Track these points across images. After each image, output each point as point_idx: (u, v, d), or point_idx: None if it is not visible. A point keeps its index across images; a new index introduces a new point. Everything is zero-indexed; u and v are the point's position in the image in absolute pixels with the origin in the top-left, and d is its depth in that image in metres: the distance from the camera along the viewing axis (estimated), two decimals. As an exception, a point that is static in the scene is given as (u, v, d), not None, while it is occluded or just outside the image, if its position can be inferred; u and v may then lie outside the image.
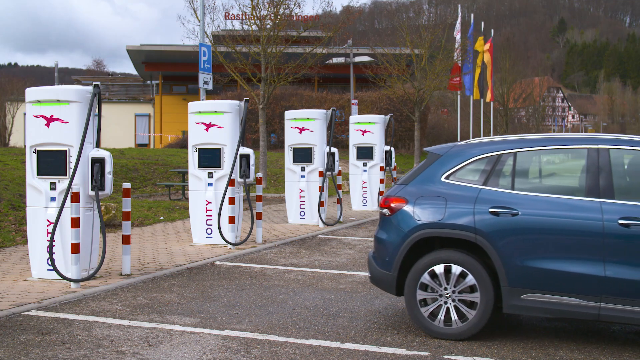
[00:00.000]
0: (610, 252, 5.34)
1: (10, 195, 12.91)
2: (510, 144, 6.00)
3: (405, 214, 5.95)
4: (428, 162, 6.20)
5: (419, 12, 45.09)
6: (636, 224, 5.29)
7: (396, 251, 5.92)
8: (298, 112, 14.12)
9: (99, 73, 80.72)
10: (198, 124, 10.87)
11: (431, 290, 5.81)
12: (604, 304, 5.36)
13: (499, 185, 5.82)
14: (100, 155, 7.82)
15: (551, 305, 5.50)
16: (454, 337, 5.72)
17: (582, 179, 5.66)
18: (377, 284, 6.22)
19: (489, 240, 5.61)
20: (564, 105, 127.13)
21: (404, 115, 36.72)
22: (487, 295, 5.63)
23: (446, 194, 5.89)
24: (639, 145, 5.63)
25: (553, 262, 5.48)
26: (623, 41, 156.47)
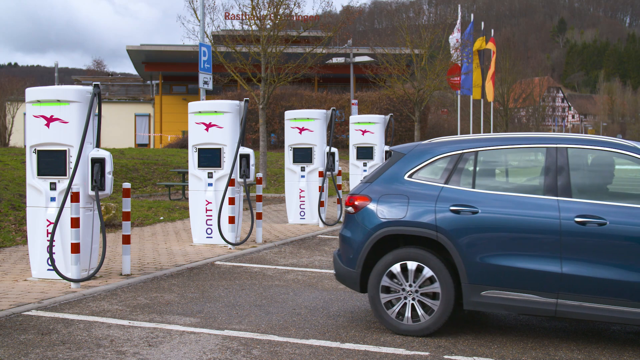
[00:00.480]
0: (566, 249, 5.45)
1: (10, 195, 12.91)
2: (472, 143, 6.11)
3: (369, 212, 6.06)
4: (392, 160, 6.31)
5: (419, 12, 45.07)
6: (592, 221, 5.41)
7: (360, 249, 6.03)
8: (298, 112, 14.12)
9: (99, 73, 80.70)
10: (198, 124, 10.87)
11: (394, 288, 5.91)
12: (561, 300, 5.48)
13: (460, 184, 5.93)
14: (100, 155, 7.82)
15: (510, 302, 5.61)
16: (416, 333, 5.84)
17: (541, 177, 5.76)
18: (342, 281, 6.31)
19: (450, 237, 5.72)
20: (564, 105, 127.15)
21: (404, 115, 36.73)
22: (448, 292, 5.74)
23: (409, 192, 6.00)
24: (596, 145, 5.76)
25: (512, 259, 5.58)
26: (623, 41, 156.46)
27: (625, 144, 5.70)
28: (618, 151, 5.69)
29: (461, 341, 5.72)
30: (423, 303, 5.83)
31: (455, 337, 5.83)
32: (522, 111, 65.11)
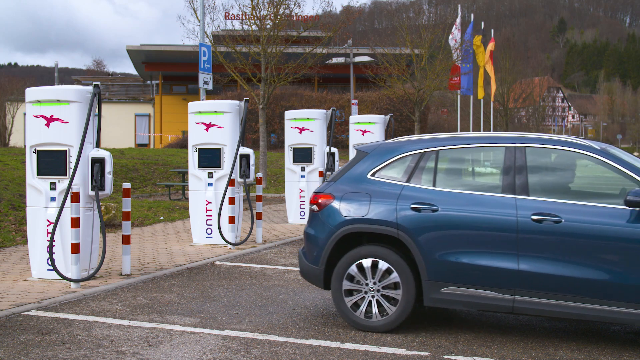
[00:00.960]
0: (523, 246, 5.54)
1: (10, 195, 12.91)
2: (433, 142, 6.21)
3: (332, 210, 6.14)
4: (356, 159, 6.39)
5: (419, 12, 45.07)
6: (548, 219, 5.49)
7: (323, 246, 6.11)
8: (298, 112, 14.12)
9: (99, 73, 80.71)
10: (198, 124, 10.87)
11: (356, 284, 5.99)
12: (518, 296, 5.57)
13: (421, 183, 6.03)
14: (100, 155, 7.82)
15: (469, 298, 5.71)
16: (378, 329, 5.90)
17: (500, 176, 5.84)
18: (307, 278, 6.41)
19: (410, 235, 5.81)
20: (564, 105, 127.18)
21: (404, 115, 36.73)
22: (409, 289, 5.83)
23: (371, 190, 6.08)
24: (554, 144, 5.84)
25: (470, 257, 5.68)
26: (623, 41, 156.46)
27: (582, 144, 5.78)
28: (575, 150, 5.77)
29: (461, 341, 5.73)
30: (385, 299, 5.92)
31: (455, 337, 5.83)
32: (522, 111, 65.13)
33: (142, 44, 42.73)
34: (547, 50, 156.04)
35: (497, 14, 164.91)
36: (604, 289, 5.36)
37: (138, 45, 42.35)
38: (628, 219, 5.36)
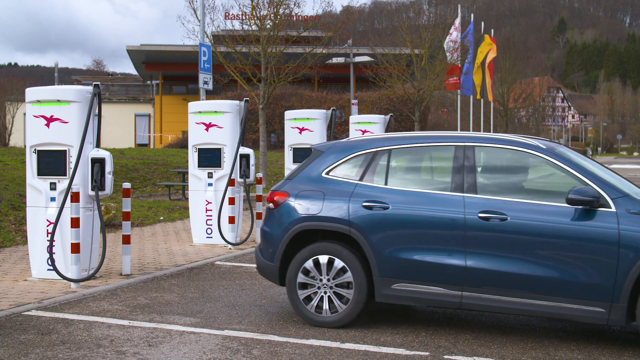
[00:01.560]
0: (470, 244, 5.67)
1: (10, 195, 12.91)
2: (386, 142, 6.33)
3: (287, 208, 6.26)
4: (312, 158, 6.53)
5: (419, 12, 45.09)
6: (495, 217, 5.61)
7: (278, 243, 6.22)
8: (298, 112, 14.12)
9: (99, 73, 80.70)
10: (198, 124, 10.87)
11: (310, 281, 6.10)
12: (465, 292, 5.70)
13: (373, 181, 6.14)
14: (100, 155, 7.81)
15: (418, 294, 5.84)
16: (331, 324, 6.02)
17: (450, 175, 5.96)
18: (263, 275, 6.51)
19: (362, 232, 5.93)
20: (564, 105, 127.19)
21: (404, 115, 36.73)
22: (360, 285, 5.94)
23: (325, 188, 6.20)
24: (501, 144, 5.96)
25: (420, 253, 5.81)
26: (623, 41, 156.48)
27: (529, 143, 5.89)
28: (522, 150, 5.87)
29: (461, 341, 5.73)
30: (337, 295, 6.03)
31: (455, 337, 5.83)
32: (522, 111, 65.14)
33: (142, 44, 42.73)
34: (547, 50, 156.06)
35: (497, 14, 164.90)
36: (548, 285, 5.49)
37: (138, 45, 42.35)
38: (570, 216, 5.49)
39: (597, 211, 5.44)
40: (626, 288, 5.28)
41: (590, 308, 5.40)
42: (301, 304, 6.12)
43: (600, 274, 5.36)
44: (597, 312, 5.38)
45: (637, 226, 5.32)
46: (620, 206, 5.43)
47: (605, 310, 5.36)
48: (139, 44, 42.50)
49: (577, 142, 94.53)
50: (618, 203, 5.45)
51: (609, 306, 5.35)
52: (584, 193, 5.40)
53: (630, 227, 5.32)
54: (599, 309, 5.37)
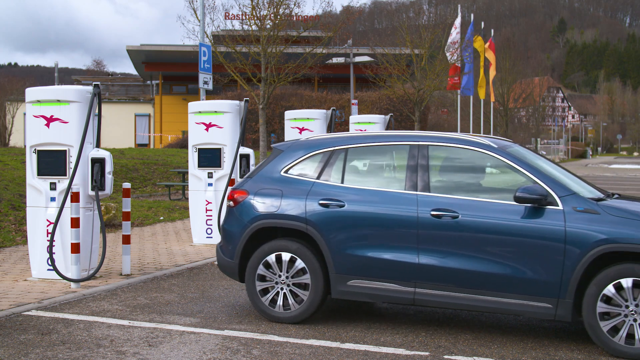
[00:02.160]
0: (423, 241, 5.79)
1: (10, 195, 12.91)
2: (343, 141, 6.44)
3: (247, 206, 6.38)
4: (271, 157, 6.66)
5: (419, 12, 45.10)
6: (446, 215, 5.74)
7: (238, 240, 6.34)
8: (298, 112, 14.11)
9: (99, 73, 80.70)
10: (198, 124, 10.87)
11: (268, 277, 6.22)
12: (418, 289, 5.83)
13: (330, 179, 6.26)
14: (100, 155, 7.81)
15: (373, 291, 5.95)
16: (288, 320, 6.16)
17: (404, 173, 6.08)
18: (223, 271, 6.62)
19: (318, 230, 6.05)
20: (564, 105, 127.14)
21: (404, 115, 36.72)
22: (317, 282, 6.07)
23: (284, 186, 6.33)
24: (454, 143, 6.10)
25: (374, 251, 5.93)
26: (623, 41, 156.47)
27: (481, 142, 6.01)
28: (474, 149, 5.99)
29: (461, 341, 5.73)
30: (294, 292, 6.15)
31: (455, 337, 5.84)
32: (522, 111, 65.12)
33: (142, 44, 42.72)
34: (547, 50, 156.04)
35: (497, 14, 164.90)
36: (498, 281, 5.60)
37: (138, 45, 42.34)
38: (520, 214, 5.59)
39: (546, 209, 5.56)
40: (572, 284, 5.41)
41: (538, 304, 5.52)
42: (259, 300, 6.24)
43: (547, 271, 5.49)
44: (544, 307, 5.51)
45: (582, 224, 5.44)
46: (567, 204, 5.55)
47: (553, 305, 5.49)
48: (139, 44, 42.49)
49: (577, 142, 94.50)
50: (565, 201, 5.57)
51: (556, 302, 5.48)
52: (531, 191, 5.52)
53: (575, 225, 5.45)
54: (546, 304, 5.50)
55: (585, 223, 5.43)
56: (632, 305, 5.28)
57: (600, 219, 5.42)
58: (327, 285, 6.11)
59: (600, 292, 5.34)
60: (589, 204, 5.54)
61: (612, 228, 5.37)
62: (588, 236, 5.39)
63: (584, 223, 5.44)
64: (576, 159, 71.88)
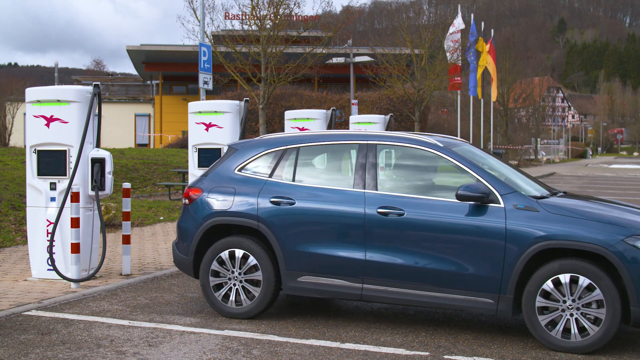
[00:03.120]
0: (370, 238, 5.92)
1: (10, 195, 12.91)
2: (295, 140, 6.58)
3: (201, 203, 6.52)
4: (226, 155, 6.79)
5: (419, 12, 45.09)
6: (393, 212, 5.86)
7: (192, 237, 6.47)
8: (298, 112, 14.11)
9: (99, 73, 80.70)
10: (198, 124, 10.86)
11: (222, 274, 6.35)
12: (366, 285, 5.95)
13: (282, 177, 6.40)
14: (100, 155, 7.81)
15: (322, 287, 6.08)
16: (241, 316, 6.29)
17: (353, 171, 6.20)
18: (179, 268, 6.76)
19: (269, 227, 6.19)
20: (564, 105, 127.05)
21: (404, 115, 36.70)
22: (268, 278, 6.20)
23: (237, 184, 6.46)
24: (401, 142, 6.25)
25: (323, 247, 6.05)
26: (623, 41, 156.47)
27: (427, 141, 6.15)
28: (421, 148, 6.13)
29: (461, 341, 5.73)
30: (247, 287, 6.28)
31: (455, 337, 5.84)
32: (522, 111, 65.07)
33: (142, 44, 42.70)
34: (547, 50, 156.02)
35: (497, 14, 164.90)
36: (442, 277, 5.74)
37: (138, 45, 42.32)
38: (462, 212, 5.73)
39: (488, 207, 5.68)
40: (512, 280, 5.53)
41: (481, 299, 5.65)
42: (213, 295, 6.35)
43: (489, 267, 5.60)
44: (486, 303, 5.64)
45: (521, 221, 5.56)
46: (508, 202, 5.66)
47: (494, 301, 5.62)
48: (139, 44, 42.47)
49: (577, 142, 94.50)
50: (507, 199, 5.68)
51: (497, 297, 5.61)
52: (473, 189, 5.65)
53: (515, 222, 5.57)
54: (488, 300, 5.63)
55: (524, 220, 5.56)
56: (569, 301, 5.41)
57: (539, 217, 5.55)
58: (279, 282, 6.25)
59: (539, 287, 5.48)
60: (529, 202, 5.66)
61: (550, 225, 5.50)
62: (527, 233, 5.51)
63: (524, 220, 5.56)
64: (576, 159, 71.90)
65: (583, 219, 5.52)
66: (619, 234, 5.38)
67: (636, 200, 20.27)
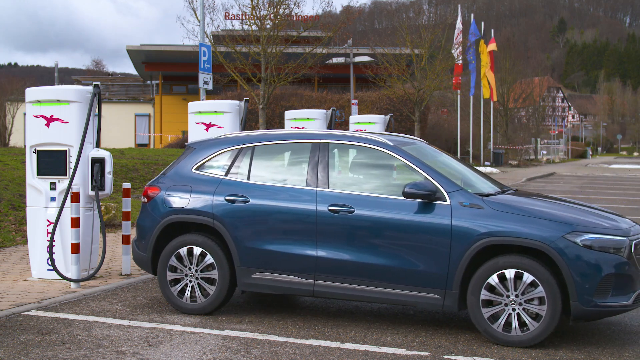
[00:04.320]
0: (321, 235, 6.03)
1: (10, 195, 12.91)
2: (250, 139, 6.70)
3: (158, 202, 6.64)
4: (184, 154, 6.90)
5: (419, 12, 45.09)
6: (343, 210, 5.97)
7: (150, 235, 6.60)
8: (298, 112, 14.10)
9: (99, 73, 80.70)
10: (198, 124, 10.85)
11: (179, 270, 6.46)
12: (318, 281, 6.07)
13: (237, 176, 6.51)
14: (100, 155, 7.81)
15: (276, 283, 6.20)
16: (197, 311, 6.40)
17: (306, 170, 6.32)
18: (138, 265, 6.87)
19: (224, 224, 6.31)
20: (564, 105, 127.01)
21: (404, 115, 36.71)
22: (224, 274, 6.32)
23: (193, 183, 6.58)
24: (352, 140, 6.38)
25: (277, 245, 6.18)
26: (623, 41, 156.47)
27: (377, 140, 6.26)
28: (371, 146, 6.24)
29: (461, 341, 5.73)
30: (204, 284, 6.39)
31: (455, 337, 5.84)
32: (522, 111, 65.04)
33: (142, 44, 42.70)
34: (547, 50, 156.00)
35: (497, 14, 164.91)
36: (391, 273, 5.84)
37: (138, 45, 42.32)
38: (410, 209, 5.84)
39: (435, 204, 5.80)
40: (458, 276, 5.65)
41: (428, 295, 5.77)
42: (170, 292, 6.47)
43: (435, 263, 5.72)
44: (433, 298, 5.75)
45: (466, 218, 5.68)
46: (454, 199, 5.78)
47: (440, 297, 5.74)
48: (139, 44, 42.47)
49: (577, 142, 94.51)
50: (453, 196, 5.79)
51: (443, 293, 5.73)
52: (420, 187, 5.77)
53: (460, 219, 5.68)
54: (435, 295, 5.75)
55: (469, 217, 5.67)
56: (512, 296, 5.52)
57: (484, 214, 5.66)
58: (234, 278, 6.35)
59: (484, 282, 5.58)
60: (474, 199, 5.77)
61: (493, 222, 5.61)
62: (471, 230, 5.62)
63: (468, 217, 5.67)
64: (576, 159, 71.89)
65: (526, 216, 5.62)
66: (559, 230, 5.49)
67: (636, 200, 20.28)
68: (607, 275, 5.41)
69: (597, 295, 5.40)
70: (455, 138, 40.52)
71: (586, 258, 5.41)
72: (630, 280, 5.53)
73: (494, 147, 44.83)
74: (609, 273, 5.41)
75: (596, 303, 5.40)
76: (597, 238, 5.47)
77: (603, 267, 5.41)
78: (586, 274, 5.39)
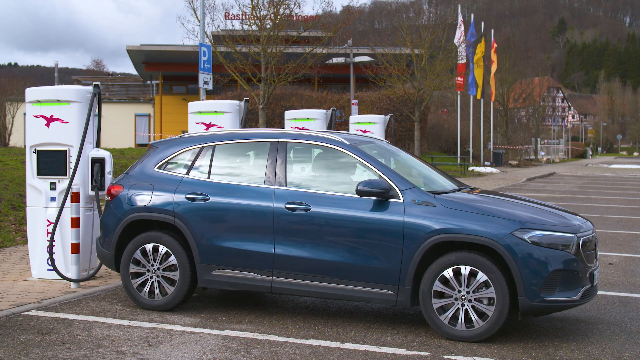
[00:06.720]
0: (278, 232, 6.15)
1: (10, 195, 12.91)
2: (211, 138, 6.83)
3: (121, 200, 6.78)
4: (147, 153, 7.02)
5: (419, 12, 45.08)
6: (300, 207, 6.09)
7: (113, 232, 6.74)
8: (298, 112, 14.10)
9: (99, 73, 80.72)
10: (198, 124, 10.85)
11: (142, 266, 6.59)
12: (275, 277, 6.18)
13: (198, 175, 6.63)
14: (100, 155, 7.82)
15: (235, 280, 6.31)
16: (158, 308, 6.54)
17: (264, 168, 6.43)
18: (102, 261, 7.03)
19: (185, 222, 6.44)
20: (564, 105, 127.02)
21: (404, 115, 36.72)
22: (185, 271, 6.44)
23: (155, 182, 6.71)
24: (309, 139, 6.50)
25: (235, 242, 6.29)
26: (623, 41, 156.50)
27: (333, 139, 6.37)
28: (328, 145, 6.36)
29: (461, 341, 5.72)
30: (164, 281, 6.52)
31: (455, 337, 5.83)
32: (522, 111, 65.05)
33: (142, 44, 42.69)
34: (547, 50, 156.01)
35: (497, 14, 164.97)
36: (346, 270, 5.94)
37: (138, 45, 42.31)
38: (364, 207, 5.95)
39: (389, 202, 5.90)
40: (410, 273, 5.75)
41: (381, 291, 5.87)
42: (133, 288, 6.59)
43: (388, 260, 5.82)
44: (387, 294, 5.85)
45: (419, 215, 5.78)
46: (407, 197, 5.88)
47: (394, 292, 5.84)
48: (139, 44, 42.46)
49: (577, 142, 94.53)
50: (406, 194, 5.90)
51: (396, 289, 5.82)
52: (372, 185, 5.86)
53: (413, 217, 5.79)
54: (388, 291, 5.85)
55: (421, 215, 5.77)
56: (463, 291, 5.63)
57: (435, 211, 5.76)
58: (195, 275, 6.45)
59: (438, 274, 5.68)
60: (426, 197, 5.87)
61: (444, 219, 5.71)
62: (423, 227, 5.73)
63: (420, 215, 5.77)
64: (576, 159, 71.90)
65: (476, 214, 5.71)
66: (507, 227, 5.58)
67: (636, 200, 20.28)
68: (554, 271, 5.51)
69: (545, 291, 5.51)
70: (455, 138, 40.51)
71: (534, 254, 5.52)
72: (577, 276, 5.64)
73: (494, 147, 44.85)
74: (556, 269, 5.52)
75: (543, 298, 5.51)
76: (545, 235, 5.58)
77: (550, 263, 5.52)
78: (533, 270, 5.49)
